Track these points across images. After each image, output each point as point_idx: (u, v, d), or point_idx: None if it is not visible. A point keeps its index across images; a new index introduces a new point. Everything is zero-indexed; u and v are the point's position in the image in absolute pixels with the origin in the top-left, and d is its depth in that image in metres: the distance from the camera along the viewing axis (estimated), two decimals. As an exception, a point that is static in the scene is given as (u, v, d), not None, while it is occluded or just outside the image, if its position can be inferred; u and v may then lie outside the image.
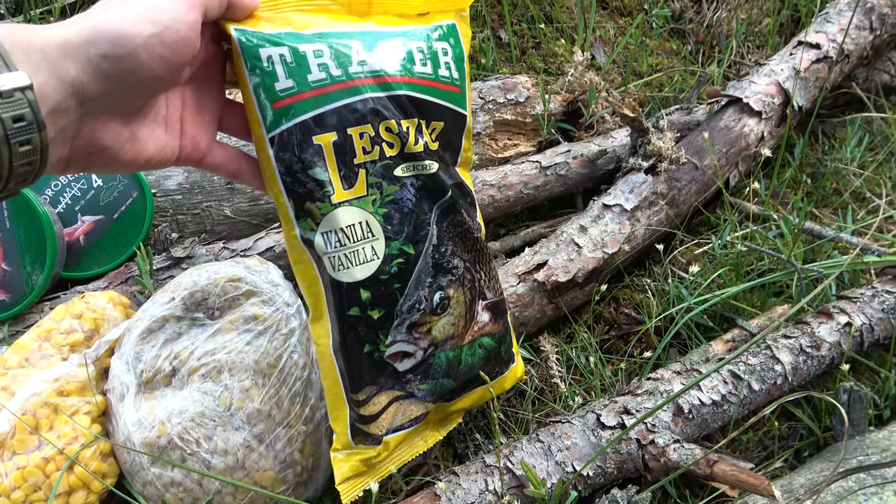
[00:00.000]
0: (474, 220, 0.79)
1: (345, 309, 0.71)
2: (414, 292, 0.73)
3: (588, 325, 1.10)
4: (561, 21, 1.46)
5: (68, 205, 0.97)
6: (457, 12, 0.77)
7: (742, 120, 1.20)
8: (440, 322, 0.76)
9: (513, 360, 0.87)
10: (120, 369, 0.83)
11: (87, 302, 0.87)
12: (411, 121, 0.69)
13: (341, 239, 0.68)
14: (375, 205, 0.69)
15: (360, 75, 0.66)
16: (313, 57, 0.64)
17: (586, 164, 1.18)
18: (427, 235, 0.73)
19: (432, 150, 0.72)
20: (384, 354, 0.74)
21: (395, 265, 0.71)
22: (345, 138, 0.66)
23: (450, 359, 0.78)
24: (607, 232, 1.07)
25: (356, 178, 0.67)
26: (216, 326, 0.85)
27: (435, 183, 0.72)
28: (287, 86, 0.64)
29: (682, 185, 1.13)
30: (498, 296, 0.83)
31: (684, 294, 1.07)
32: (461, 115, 0.76)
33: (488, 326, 0.82)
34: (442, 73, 0.73)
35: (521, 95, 1.22)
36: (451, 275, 0.76)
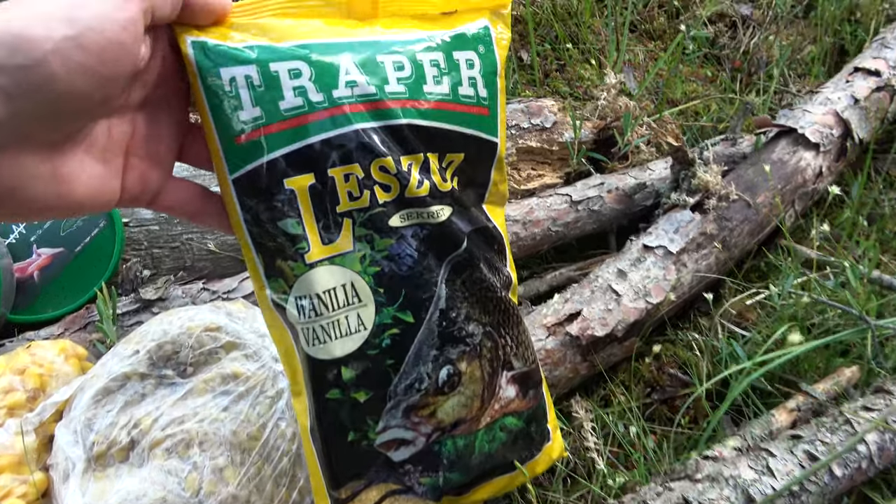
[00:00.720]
0: (501, 272, 0.63)
1: (322, 391, 0.56)
2: (413, 369, 0.57)
3: (626, 387, 0.95)
4: (587, 42, 1.34)
5: (22, 235, 0.82)
6: (493, 10, 0.60)
7: (798, 153, 1.06)
8: (448, 403, 0.60)
9: (547, 439, 0.71)
10: (66, 440, 0.67)
11: (32, 353, 0.72)
12: (415, 156, 0.55)
13: (317, 307, 0.54)
14: (364, 262, 0.55)
15: (347, 101, 0.51)
16: (288, 78, 0.50)
17: (622, 198, 1.04)
18: (432, 298, 0.57)
19: (443, 192, 0.57)
20: (374, 443, 0.58)
21: (387, 337, 0.56)
22: (325, 181, 0.52)
23: (459, 447, 0.62)
24: (650, 278, 0.92)
25: (339, 231, 0.53)
26: (187, 387, 0.70)
27: (445, 233, 0.57)
28: (253, 115, 0.50)
29: (734, 226, 0.98)
30: (529, 364, 0.66)
31: (739, 353, 0.92)
32: (489, 143, 0.60)
33: (514, 403, 0.65)
34: (464, 93, 0.57)
35: (548, 120, 1.08)
36: (463, 345, 0.60)
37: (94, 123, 0.43)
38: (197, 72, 0.48)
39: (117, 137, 0.46)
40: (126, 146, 0.47)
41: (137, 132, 0.47)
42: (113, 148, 0.45)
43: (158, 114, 0.48)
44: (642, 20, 1.48)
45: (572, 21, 1.36)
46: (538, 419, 0.69)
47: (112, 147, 0.45)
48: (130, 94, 0.45)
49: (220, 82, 0.48)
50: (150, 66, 0.45)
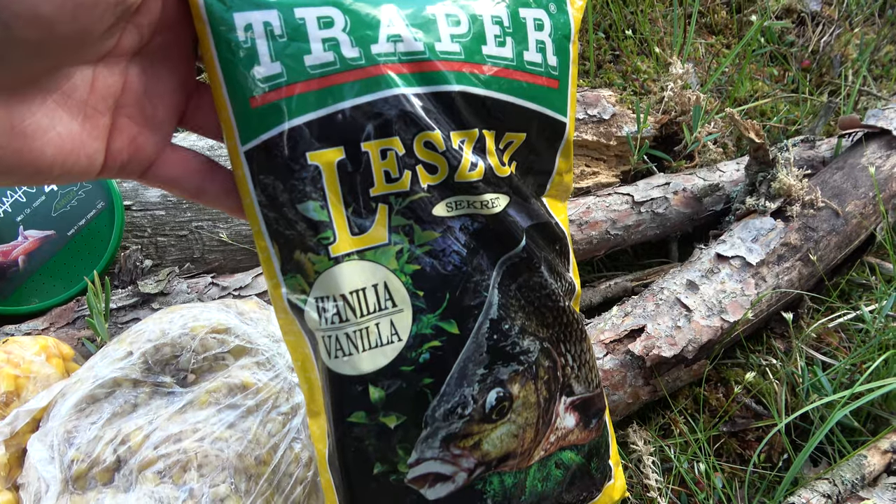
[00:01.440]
0: (563, 278, 0.52)
1: (343, 412, 0.46)
2: (456, 390, 0.47)
3: (689, 415, 0.82)
4: (645, 32, 1.22)
5: (7, 213, 0.72)
6: None
7: (891, 157, 0.93)
8: (495, 433, 0.49)
9: (609, 478, 0.59)
10: (40, 456, 0.56)
11: (7, 352, 0.61)
12: (468, 132, 0.45)
13: (342, 311, 0.44)
14: (401, 259, 0.45)
15: (389, 59, 0.42)
16: (317, 28, 0.40)
17: (690, 201, 0.91)
18: (482, 306, 0.47)
19: (501, 178, 0.46)
20: (405, 477, 0.48)
21: (426, 350, 0.46)
22: (358, 157, 0.43)
23: (508, 487, 0.51)
24: (726, 292, 0.80)
25: (373, 218, 0.44)
26: (188, 398, 0.59)
27: (500, 227, 0.47)
28: (272, 72, 0.40)
29: (820, 237, 0.86)
30: (592, 389, 0.55)
31: (824, 383, 0.80)
32: (558, 122, 0.49)
33: (574, 434, 0.54)
34: (530, 59, 0.47)
35: (606, 112, 0.96)
36: (517, 363, 0.49)
37: (70, 69, 0.34)
38: (205, 16, 0.39)
39: (103, 90, 0.37)
40: (114, 102, 0.38)
41: (129, 86, 0.38)
42: (96, 102, 0.36)
43: (157, 66, 0.39)
44: (704, 12, 1.35)
45: (629, 9, 1.25)
46: (600, 454, 0.57)
47: (95, 101, 0.36)
48: (122, 38, 0.36)
49: (234, 29, 0.39)
50: (147, 4, 0.36)
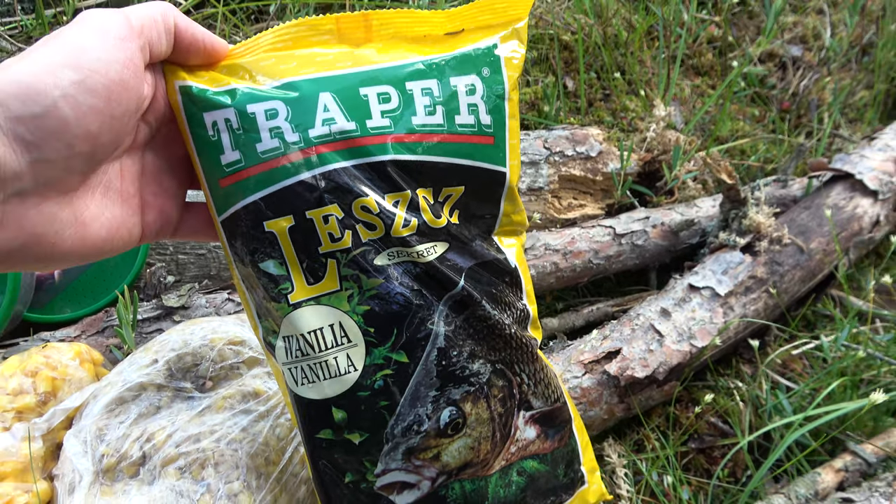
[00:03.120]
0: (513, 307, 0.59)
1: (313, 430, 0.54)
2: (410, 411, 0.54)
3: (662, 432, 0.89)
4: (634, 73, 1.30)
5: (46, 230, 0.79)
6: (507, 25, 0.55)
7: (854, 199, 1.01)
8: (453, 446, 0.56)
9: (581, 483, 0.65)
10: (74, 450, 0.63)
11: (46, 356, 0.68)
12: (401, 194, 0.52)
13: (303, 347, 0.52)
14: (353, 302, 0.52)
15: (324, 140, 0.49)
16: (265, 119, 0.49)
17: (667, 235, 0.99)
18: (429, 337, 0.54)
19: (436, 229, 0.54)
20: (374, 486, 0.55)
21: (380, 378, 0.54)
22: (304, 223, 0.50)
23: (468, 492, 0.57)
24: (696, 320, 0.87)
25: (325, 271, 0.52)
26: (206, 402, 0.66)
27: (437, 271, 0.54)
28: (233, 159, 0.49)
29: (785, 271, 0.94)
30: (551, 403, 0.61)
31: (785, 405, 0.87)
32: (497, 172, 0.55)
33: (535, 445, 0.60)
34: (462, 122, 0.53)
35: (593, 149, 1.04)
36: (467, 385, 0.56)
37: (107, 165, 0.45)
38: (184, 117, 0.48)
39: (130, 177, 0.47)
40: (139, 184, 0.48)
41: (147, 169, 0.49)
42: (127, 187, 0.47)
43: (165, 149, 0.50)
44: (690, 55, 1.44)
45: (619, 51, 1.33)
46: (568, 461, 0.64)
47: (126, 186, 0.47)
48: (137, 134, 0.46)
49: (204, 126, 0.48)
50: (153, 105, 0.46)
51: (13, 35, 1.04)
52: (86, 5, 1.10)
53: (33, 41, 1.13)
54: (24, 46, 1.07)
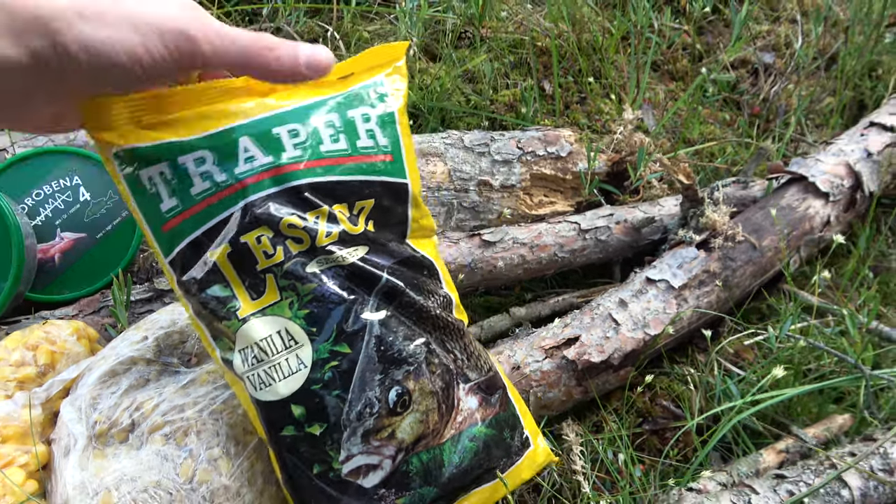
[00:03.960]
0: (435, 293, 0.67)
1: (276, 429, 0.61)
2: (360, 395, 0.61)
3: (618, 415, 0.96)
4: (609, 78, 1.37)
5: (48, 217, 0.86)
6: (390, 65, 0.66)
7: (806, 201, 1.08)
8: (405, 422, 0.63)
9: (528, 445, 0.72)
10: (70, 416, 0.70)
11: (46, 332, 0.75)
12: (320, 210, 0.61)
13: (257, 354, 0.60)
14: (293, 308, 0.60)
15: (248, 174, 0.58)
16: (194, 167, 0.57)
17: (630, 231, 1.06)
18: (365, 328, 0.62)
19: (355, 235, 0.62)
20: (341, 473, 0.61)
21: (328, 370, 0.61)
22: (240, 247, 0.59)
23: (425, 462, 0.64)
24: (650, 310, 0.94)
25: (265, 285, 0.60)
26: (191, 376, 0.73)
27: (362, 270, 0.62)
28: (172, 205, 0.58)
29: (738, 266, 1.00)
30: (485, 374, 0.69)
31: (733, 391, 0.93)
32: (399, 184, 0.65)
33: (479, 412, 0.68)
34: (363, 145, 0.63)
35: (563, 150, 1.11)
36: (407, 364, 0.63)
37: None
38: (122, 179, 0.57)
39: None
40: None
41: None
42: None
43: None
44: (665, 60, 1.51)
45: (596, 56, 1.40)
46: (511, 425, 0.71)
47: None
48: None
49: (142, 183, 0.56)
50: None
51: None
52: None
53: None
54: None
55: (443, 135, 1.09)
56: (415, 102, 1.21)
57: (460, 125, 1.25)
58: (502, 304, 1.05)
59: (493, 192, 1.07)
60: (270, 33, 1.26)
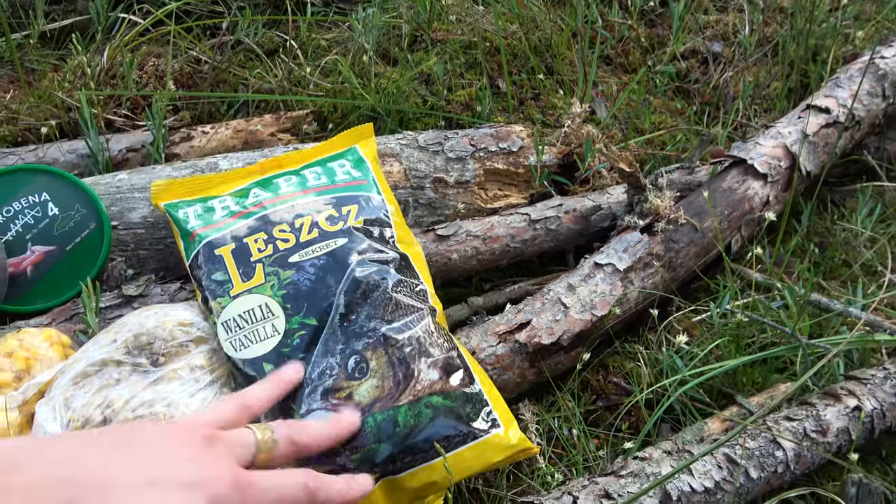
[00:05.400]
0: (408, 284, 0.82)
1: (251, 382, 0.73)
2: (322, 359, 0.75)
3: (573, 394, 1.01)
4: (562, 74, 1.42)
5: (19, 232, 0.90)
6: (363, 138, 0.99)
7: (746, 182, 1.14)
8: (363, 386, 0.74)
9: (496, 427, 0.78)
10: (45, 416, 0.74)
11: (20, 339, 0.79)
12: (305, 218, 0.85)
13: (240, 323, 0.77)
14: (274, 289, 0.79)
15: (254, 203, 0.87)
16: (218, 204, 0.88)
17: (579, 219, 1.11)
18: (332, 306, 0.77)
19: (333, 232, 0.83)
20: None
21: (297, 337, 0.76)
22: (241, 245, 0.82)
23: (379, 421, 0.72)
24: (597, 293, 0.99)
25: (254, 272, 0.80)
26: (159, 374, 0.78)
27: (337, 259, 0.81)
28: (195, 224, 0.86)
29: (680, 248, 1.06)
30: (446, 352, 0.79)
31: (678, 365, 0.99)
32: (372, 196, 0.90)
33: (439, 385, 0.76)
34: (340, 177, 0.92)
35: (515, 145, 1.16)
36: (367, 338, 0.76)
37: None
38: (168, 215, 0.89)
39: None
40: None
41: None
42: None
43: None
44: (618, 54, 1.56)
45: (548, 53, 1.45)
46: (473, 403, 0.77)
47: None
48: None
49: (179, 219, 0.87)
50: None
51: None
52: (50, 28, 1.21)
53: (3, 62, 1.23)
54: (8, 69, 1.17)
55: (398, 136, 1.14)
56: (373, 106, 1.26)
57: (418, 126, 1.30)
58: (462, 294, 1.10)
59: (448, 188, 1.12)
60: (231, 46, 1.30)
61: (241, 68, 1.32)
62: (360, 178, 0.92)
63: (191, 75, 1.31)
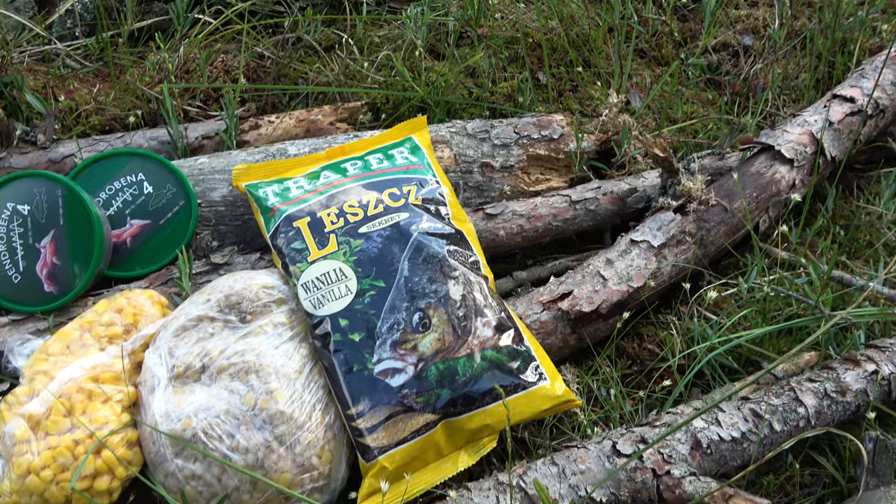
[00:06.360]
0: (463, 254, 0.94)
1: (329, 336, 0.85)
2: (390, 315, 0.87)
3: (610, 359, 1.10)
4: (598, 66, 1.51)
5: (119, 208, 1.03)
6: (418, 129, 1.12)
7: (774, 167, 1.21)
8: (426, 339, 0.86)
9: (543, 380, 0.89)
10: (153, 362, 0.86)
11: (128, 298, 0.91)
12: (372, 195, 0.97)
13: (317, 284, 0.89)
14: (346, 256, 0.91)
15: (326, 182, 1.00)
16: (293, 184, 1.00)
17: (616, 201, 1.20)
18: (397, 271, 0.90)
19: (396, 207, 0.96)
20: (374, 372, 0.84)
21: (367, 297, 0.88)
22: (316, 219, 0.95)
23: (441, 370, 0.84)
24: (633, 266, 1.08)
25: (328, 241, 0.93)
26: (247, 329, 0.89)
27: (399, 231, 0.93)
28: (274, 201, 0.98)
29: (711, 226, 1.14)
30: (498, 313, 0.90)
31: (709, 333, 1.07)
32: (428, 179, 1.03)
33: (492, 341, 0.87)
34: (400, 161, 1.04)
35: (556, 132, 1.25)
36: (429, 298, 0.88)
37: None
38: (249, 194, 1.00)
39: None
40: None
41: None
42: None
43: None
44: (651, 48, 1.64)
45: (586, 48, 1.54)
46: (524, 359, 0.88)
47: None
48: None
49: (259, 197, 0.99)
50: None
51: (79, 55, 1.27)
52: (137, 27, 1.33)
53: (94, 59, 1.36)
54: (90, 65, 1.30)
55: (448, 124, 1.24)
56: (422, 97, 1.36)
57: (464, 115, 1.40)
58: (507, 269, 1.20)
59: (494, 172, 1.22)
60: (292, 42, 1.42)
61: (301, 63, 1.43)
62: (417, 163, 1.04)
63: (255, 70, 1.42)
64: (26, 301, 0.95)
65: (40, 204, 0.95)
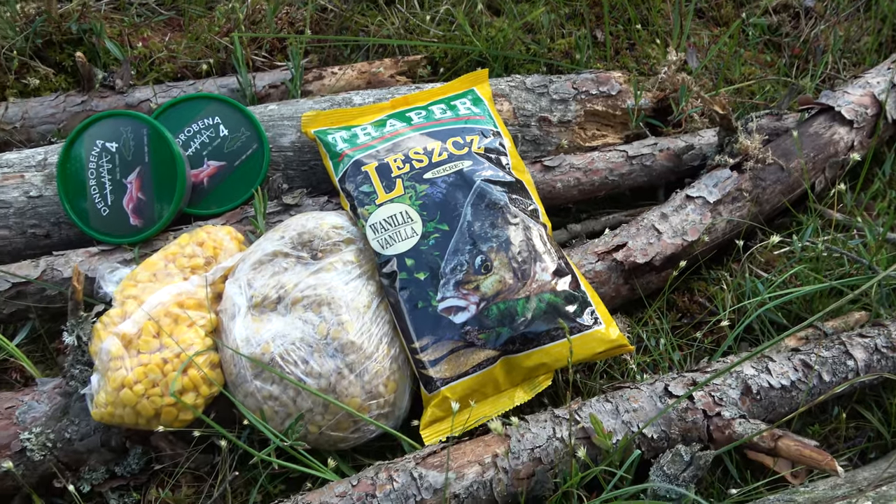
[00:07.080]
0: (522, 202, 0.98)
1: (395, 274, 0.91)
2: (454, 257, 0.91)
3: (661, 311, 1.13)
4: (656, 25, 1.51)
5: (197, 149, 1.08)
6: (479, 81, 1.15)
7: (833, 128, 1.21)
8: (487, 280, 0.90)
9: (598, 324, 0.92)
10: (233, 291, 0.92)
11: (208, 233, 0.97)
12: (436, 143, 1.01)
13: (385, 225, 0.94)
14: (412, 199, 0.95)
15: (390, 130, 1.04)
16: (360, 130, 1.05)
17: (672, 157, 1.22)
18: (461, 216, 0.94)
19: (459, 155, 0.99)
20: (438, 309, 0.89)
21: (431, 238, 0.93)
22: (383, 164, 0.99)
23: (502, 310, 0.89)
24: (688, 221, 1.10)
25: (395, 185, 0.97)
26: (319, 265, 0.94)
27: (462, 178, 0.97)
28: (343, 146, 1.03)
29: (767, 185, 1.15)
30: (556, 260, 0.94)
31: (760, 289, 1.10)
32: (490, 129, 1.06)
33: (549, 286, 0.92)
34: (462, 112, 1.08)
35: (614, 89, 1.27)
36: (491, 242, 0.92)
37: None
38: (317, 139, 1.05)
39: None
40: None
41: None
42: None
43: None
44: (710, 7, 1.63)
45: (644, 6, 1.54)
46: (580, 303, 0.91)
47: None
48: None
49: (328, 143, 1.04)
50: None
51: (153, 3, 1.32)
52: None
53: (167, 8, 1.41)
54: (164, 13, 1.34)
55: (507, 78, 1.26)
56: (481, 52, 1.38)
57: (521, 72, 1.41)
58: (561, 222, 1.23)
59: (551, 126, 1.24)
60: None
61: (362, 16, 1.46)
62: (480, 114, 1.07)
63: (318, 22, 1.46)
64: (114, 233, 1.02)
65: (127, 142, 1.01)
